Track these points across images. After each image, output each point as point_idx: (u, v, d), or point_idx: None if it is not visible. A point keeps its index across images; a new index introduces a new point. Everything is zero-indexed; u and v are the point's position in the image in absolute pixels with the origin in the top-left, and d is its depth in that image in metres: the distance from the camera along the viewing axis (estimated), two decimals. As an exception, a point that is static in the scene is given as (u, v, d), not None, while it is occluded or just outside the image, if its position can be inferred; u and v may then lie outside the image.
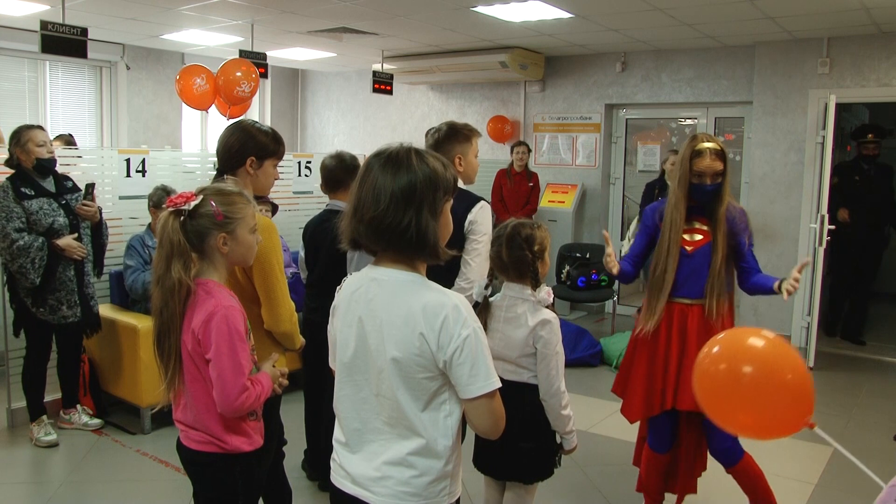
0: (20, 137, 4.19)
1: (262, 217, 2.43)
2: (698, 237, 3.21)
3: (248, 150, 2.63)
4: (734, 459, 3.26)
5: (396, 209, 1.65)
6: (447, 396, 1.71)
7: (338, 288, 1.85)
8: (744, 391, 1.82)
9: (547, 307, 2.70)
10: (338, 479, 1.82)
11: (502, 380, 2.69)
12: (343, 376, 1.80)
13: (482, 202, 3.04)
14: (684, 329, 3.21)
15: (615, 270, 3.23)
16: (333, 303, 1.85)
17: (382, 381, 1.70)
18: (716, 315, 3.16)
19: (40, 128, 4.31)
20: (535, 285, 2.70)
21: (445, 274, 2.93)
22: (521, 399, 2.71)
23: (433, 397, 1.70)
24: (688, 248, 3.20)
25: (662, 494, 3.52)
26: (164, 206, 4.53)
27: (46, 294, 4.18)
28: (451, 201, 1.77)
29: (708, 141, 3.16)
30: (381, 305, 1.70)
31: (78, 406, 4.60)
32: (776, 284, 3.09)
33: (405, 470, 1.70)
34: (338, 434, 1.84)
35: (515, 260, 2.69)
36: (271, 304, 2.54)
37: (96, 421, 4.59)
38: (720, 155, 3.13)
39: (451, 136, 3.09)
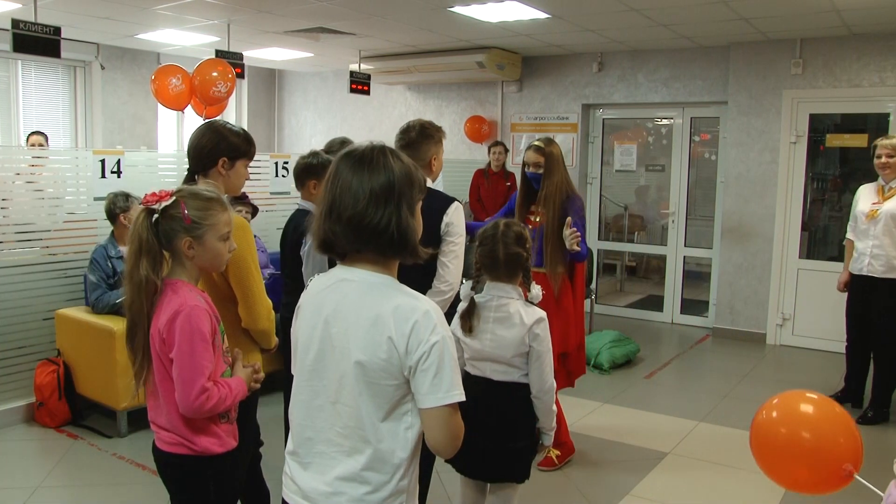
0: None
1: (235, 216, 2.42)
2: (538, 219, 4.05)
3: (220, 150, 2.62)
4: None
5: (377, 207, 1.60)
6: (410, 407, 1.64)
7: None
8: (802, 453, 1.87)
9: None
10: (288, 493, 1.75)
11: (492, 381, 2.73)
12: (301, 381, 1.72)
13: (456, 203, 3.00)
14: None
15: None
16: (298, 303, 1.79)
17: (343, 387, 1.64)
18: (555, 280, 3.96)
19: None
20: (528, 283, 2.72)
21: (421, 276, 2.89)
22: (511, 398, 2.72)
23: (395, 406, 1.63)
24: (530, 226, 3.97)
25: None
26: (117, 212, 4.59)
27: None
28: (421, 202, 1.74)
29: (538, 141, 4.08)
30: (349, 307, 1.64)
31: None
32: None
33: (359, 486, 1.64)
34: (288, 444, 1.77)
35: (511, 258, 2.69)
36: (248, 302, 2.53)
37: None
38: (540, 151, 4.01)
39: (427, 137, 3.07)
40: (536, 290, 2.71)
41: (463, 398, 1.62)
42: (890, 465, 1.69)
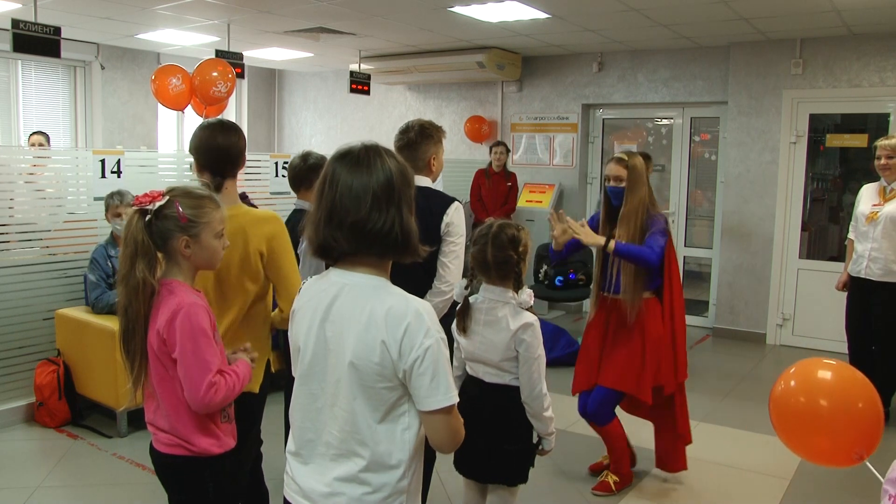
0: None
1: (266, 211, 2.59)
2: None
3: (243, 147, 2.64)
4: (603, 422, 3.81)
5: (380, 210, 1.60)
6: (407, 408, 1.64)
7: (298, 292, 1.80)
8: (820, 422, 1.88)
9: (527, 309, 2.68)
10: (289, 492, 1.76)
11: (485, 383, 2.73)
12: (299, 384, 1.73)
13: (456, 202, 3.00)
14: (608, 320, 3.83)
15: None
16: (293, 308, 1.79)
17: (340, 390, 1.64)
18: (632, 308, 3.64)
19: None
20: (518, 287, 2.68)
21: (422, 275, 2.91)
22: (504, 401, 2.71)
23: (392, 409, 1.63)
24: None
25: (625, 470, 3.97)
26: (112, 209, 4.62)
27: None
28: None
29: (621, 153, 3.75)
30: (343, 310, 1.64)
31: None
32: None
33: (358, 487, 1.64)
34: (290, 444, 1.77)
35: (500, 261, 2.65)
36: (290, 292, 2.51)
37: None
38: (622, 163, 3.66)
39: (426, 137, 3.06)
40: (524, 297, 2.66)
41: (457, 400, 1.63)
42: (889, 464, 1.70)
